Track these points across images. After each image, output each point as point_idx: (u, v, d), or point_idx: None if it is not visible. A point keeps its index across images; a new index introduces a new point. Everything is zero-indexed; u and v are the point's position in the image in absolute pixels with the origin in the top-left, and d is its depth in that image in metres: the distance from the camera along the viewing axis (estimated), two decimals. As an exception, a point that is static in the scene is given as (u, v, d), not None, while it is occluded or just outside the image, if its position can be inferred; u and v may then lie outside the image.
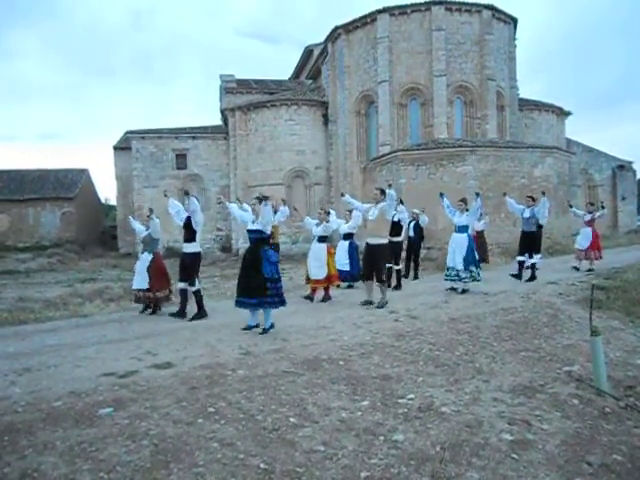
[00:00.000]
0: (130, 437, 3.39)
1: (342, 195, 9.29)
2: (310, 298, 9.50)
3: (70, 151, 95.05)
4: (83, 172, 33.86)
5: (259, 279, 6.48)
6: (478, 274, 9.75)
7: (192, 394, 4.22)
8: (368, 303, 8.61)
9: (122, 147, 30.10)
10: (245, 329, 6.73)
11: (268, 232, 6.83)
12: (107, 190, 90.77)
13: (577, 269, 12.29)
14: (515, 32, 26.24)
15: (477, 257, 10.12)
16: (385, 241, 8.52)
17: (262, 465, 3.01)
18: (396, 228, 10.77)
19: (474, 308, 8.00)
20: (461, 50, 23.53)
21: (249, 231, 6.83)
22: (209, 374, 4.78)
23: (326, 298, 9.49)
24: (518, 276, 10.93)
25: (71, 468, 2.98)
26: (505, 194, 11.87)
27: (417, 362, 5.17)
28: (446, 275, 9.94)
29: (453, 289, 9.83)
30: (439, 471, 2.97)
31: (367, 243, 8.52)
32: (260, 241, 6.73)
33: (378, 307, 8.31)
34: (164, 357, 5.45)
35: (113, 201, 35.47)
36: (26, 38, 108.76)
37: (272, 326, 6.68)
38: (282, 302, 6.70)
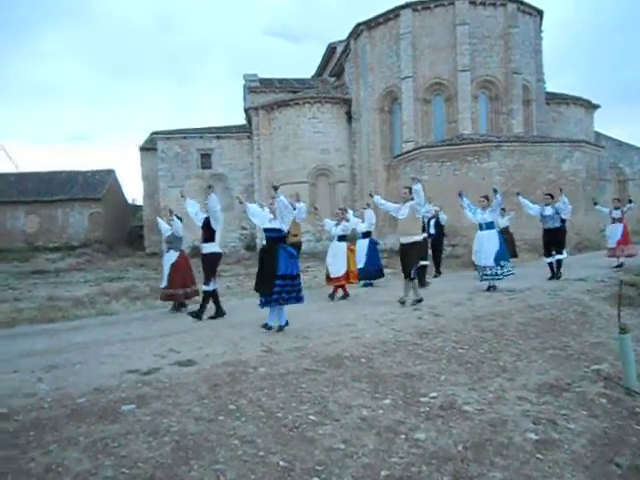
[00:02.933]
0: (152, 434, 3.41)
1: (371, 195, 9.21)
2: (333, 296, 9.48)
3: (97, 152, 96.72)
4: (110, 173, 34.42)
5: (268, 276, 6.46)
6: (512, 267, 9.60)
7: (214, 391, 4.24)
8: (418, 302, 8.38)
9: (148, 148, 30.47)
10: (263, 327, 6.68)
11: (285, 229, 6.77)
12: (134, 190, 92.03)
13: (620, 266, 11.88)
14: (541, 24, 25.78)
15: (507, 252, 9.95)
16: (419, 238, 8.47)
17: (282, 463, 3.01)
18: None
19: (499, 305, 7.88)
20: (485, 44, 23.19)
21: (265, 230, 6.80)
22: (231, 371, 4.79)
23: (345, 295, 9.46)
24: (553, 277, 10.60)
25: (94, 463, 3.01)
26: (518, 194, 11.60)
27: (440, 360, 5.11)
28: (483, 275, 9.69)
29: (491, 287, 9.56)
30: (461, 470, 2.92)
31: (400, 242, 8.45)
32: (277, 239, 6.71)
33: (413, 303, 8.20)
34: (187, 354, 5.49)
35: (140, 201, 35.96)
36: (55, 40, 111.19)
37: (287, 323, 6.65)
38: (297, 298, 6.60)
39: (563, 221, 10.97)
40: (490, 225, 9.68)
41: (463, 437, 3.35)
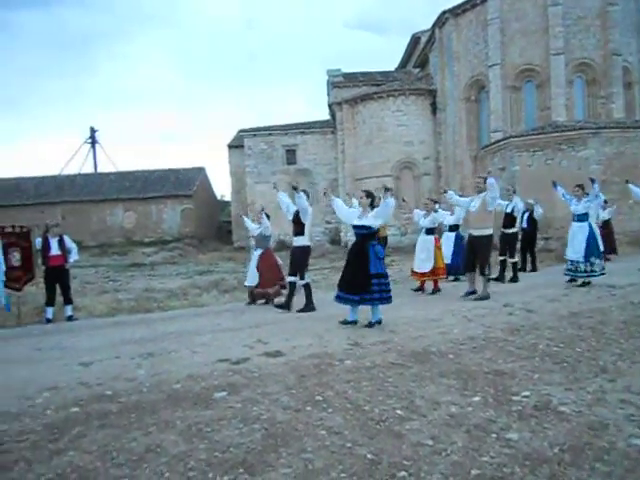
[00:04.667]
0: (243, 420, 3.53)
1: (444, 192, 8.98)
2: (420, 290, 9.34)
3: (188, 151, 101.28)
4: (200, 171, 35.88)
5: (364, 275, 6.35)
6: (602, 268, 9.00)
7: (301, 382, 4.31)
8: (470, 294, 8.29)
9: (235, 145, 31.43)
10: (342, 323, 6.64)
11: (376, 227, 6.65)
12: (222, 187, 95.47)
13: None
14: (644, 0, 23.87)
15: (601, 248, 9.35)
16: (489, 232, 8.15)
17: (369, 455, 3.00)
18: (509, 219, 10.30)
19: (598, 302, 7.42)
20: (581, 25, 21.78)
21: (355, 227, 6.68)
22: (317, 363, 4.85)
23: (435, 291, 9.29)
24: None
25: (189, 446, 3.15)
26: (627, 181, 10.83)
27: (533, 358, 4.89)
28: (566, 269, 9.28)
29: (573, 280, 9.18)
30: (558, 474, 2.77)
31: (469, 234, 8.23)
32: (367, 236, 6.59)
33: (477, 299, 7.98)
34: (274, 346, 5.62)
35: (228, 197, 37.24)
36: (146, 44, 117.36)
37: (380, 321, 6.57)
38: (387, 298, 6.50)
39: None
40: (583, 217, 9.11)
41: (559, 439, 3.18)
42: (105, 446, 3.20)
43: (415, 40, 31.00)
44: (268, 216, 9.05)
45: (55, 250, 8.50)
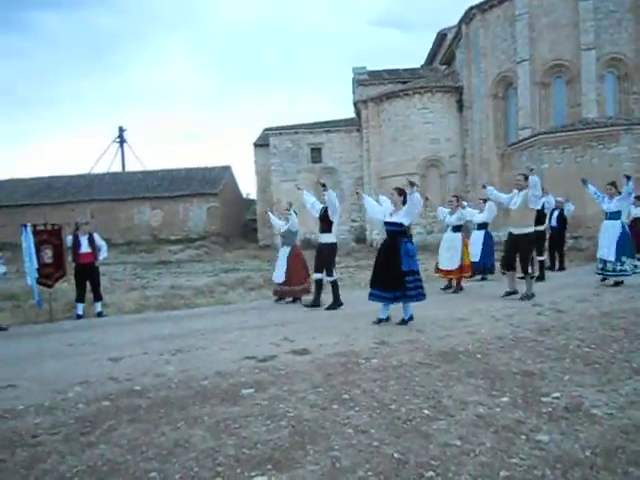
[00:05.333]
0: (270, 417, 3.54)
1: (483, 187, 8.86)
2: (449, 288, 9.26)
3: (214, 150, 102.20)
4: (226, 169, 36.17)
5: (397, 273, 6.32)
6: (635, 267, 8.79)
7: (327, 380, 4.31)
8: (511, 294, 8.17)
9: (261, 144, 31.59)
10: (376, 323, 6.61)
11: (408, 224, 6.63)
12: (247, 185, 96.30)
13: None
14: (680, -7, 23.18)
15: (633, 247, 9.13)
16: (530, 230, 8.02)
17: (396, 455, 2.98)
18: (539, 216, 10.14)
19: (631, 302, 7.26)
20: (612, 19, 21.25)
21: (386, 223, 6.62)
22: (344, 362, 4.85)
23: (458, 289, 9.19)
24: None
25: (217, 442, 3.18)
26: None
27: (563, 359, 4.80)
28: (598, 269, 9.10)
29: (605, 280, 9.00)
30: (590, 478, 2.72)
31: (510, 232, 8.09)
32: (398, 234, 6.54)
33: (522, 299, 7.85)
34: (301, 344, 5.63)
35: (253, 195, 37.51)
36: (170, 43, 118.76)
37: (411, 317, 6.55)
38: (422, 295, 6.49)
39: None
40: (615, 215, 8.91)
41: (591, 442, 3.12)
42: (135, 440, 3.25)
43: (441, 37, 30.69)
44: (296, 212, 9.05)
45: (85, 248, 8.67)
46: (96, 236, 8.93)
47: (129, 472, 2.84)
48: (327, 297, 8.28)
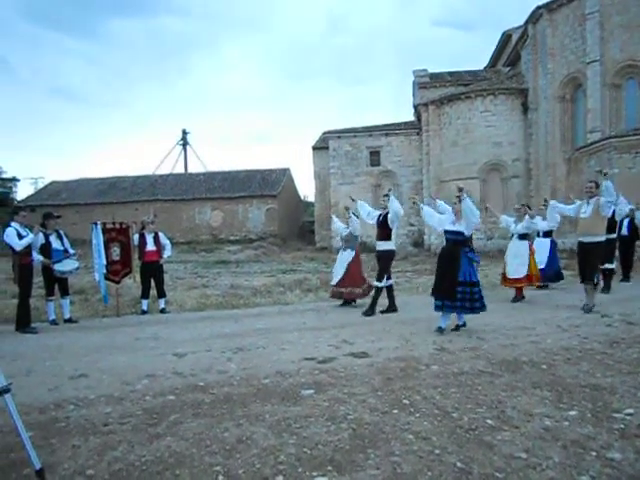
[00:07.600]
0: (330, 419, 3.56)
1: (545, 201, 8.60)
2: (517, 299, 8.92)
3: (274, 152, 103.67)
4: (285, 171, 36.58)
5: (451, 283, 6.20)
6: None
7: (387, 385, 4.29)
8: (591, 308, 7.67)
9: (320, 147, 31.76)
10: (437, 331, 6.41)
11: (469, 233, 6.45)
12: (306, 187, 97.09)
13: None
14: None
15: None
16: (602, 239, 7.66)
17: (459, 464, 2.93)
18: (610, 224, 9.70)
19: None
20: (690, 19, 20.11)
21: (447, 232, 6.49)
22: (403, 367, 4.81)
23: (519, 298, 8.89)
24: None
25: (279, 440, 3.22)
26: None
27: (636, 373, 4.57)
28: None
29: None
30: (667, 500, 2.59)
31: (580, 242, 7.74)
32: (459, 243, 6.39)
33: (585, 311, 7.52)
34: (360, 347, 5.63)
35: (311, 198, 37.75)
36: (234, 50, 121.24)
37: (464, 324, 6.45)
38: (477, 308, 6.26)
39: None
40: None
41: (668, 462, 2.96)
42: (199, 434, 3.34)
43: (506, 37, 29.93)
44: (357, 215, 9.03)
45: (151, 246, 8.99)
46: (161, 235, 9.23)
47: (194, 465, 2.92)
48: (382, 301, 8.21)
